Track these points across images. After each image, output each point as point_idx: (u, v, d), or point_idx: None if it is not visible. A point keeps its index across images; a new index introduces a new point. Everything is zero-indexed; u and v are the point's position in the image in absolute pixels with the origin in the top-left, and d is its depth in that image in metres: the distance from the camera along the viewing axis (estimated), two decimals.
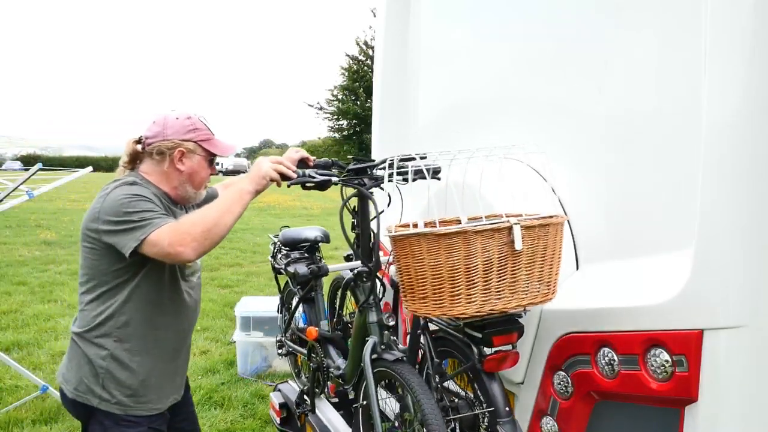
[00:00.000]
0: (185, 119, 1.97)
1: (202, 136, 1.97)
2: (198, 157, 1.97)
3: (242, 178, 1.92)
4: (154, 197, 1.88)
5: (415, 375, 1.77)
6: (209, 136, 1.99)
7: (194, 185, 2.00)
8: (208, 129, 1.99)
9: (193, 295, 2.11)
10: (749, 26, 1.39)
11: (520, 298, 1.55)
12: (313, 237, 2.82)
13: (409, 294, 1.68)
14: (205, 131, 1.98)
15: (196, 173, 1.98)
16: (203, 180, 2.02)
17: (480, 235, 1.49)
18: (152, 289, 1.93)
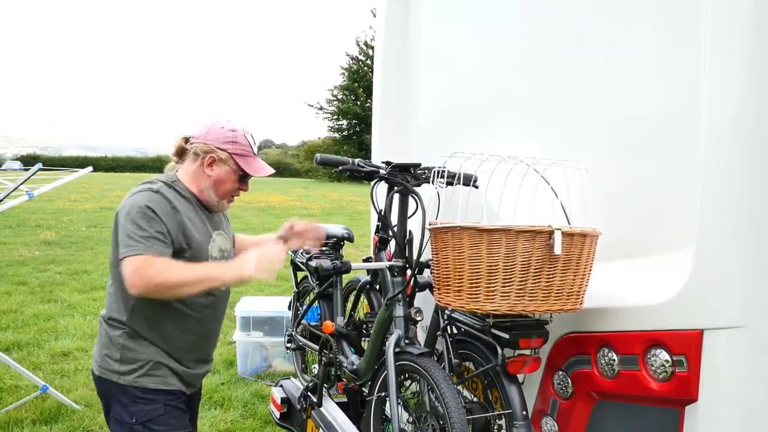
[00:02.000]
0: (229, 130, 2.05)
1: (238, 150, 2.04)
2: (228, 168, 2.04)
3: (233, 264, 1.93)
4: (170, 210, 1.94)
5: (440, 369, 1.78)
6: (246, 153, 2.05)
7: (217, 193, 2.07)
8: (250, 147, 2.06)
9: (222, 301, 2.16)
10: (749, 26, 1.39)
11: (550, 303, 1.59)
12: (339, 234, 2.86)
13: (443, 287, 1.71)
14: (245, 147, 2.05)
15: (222, 183, 2.06)
16: (227, 191, 2.09)
17: (522, 235, 1.54)
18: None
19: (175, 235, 1.95)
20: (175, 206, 1.96)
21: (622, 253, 1.73)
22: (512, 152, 1.77)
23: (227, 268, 1.94)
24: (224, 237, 2.19)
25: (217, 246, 2.13)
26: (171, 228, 1.94)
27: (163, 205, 1.94)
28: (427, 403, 1.85)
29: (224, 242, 2.18)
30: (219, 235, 2.15)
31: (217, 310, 2.18)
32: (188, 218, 2.00)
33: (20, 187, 3.75)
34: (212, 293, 2.08)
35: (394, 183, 2.05)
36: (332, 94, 38.24)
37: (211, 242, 2.09)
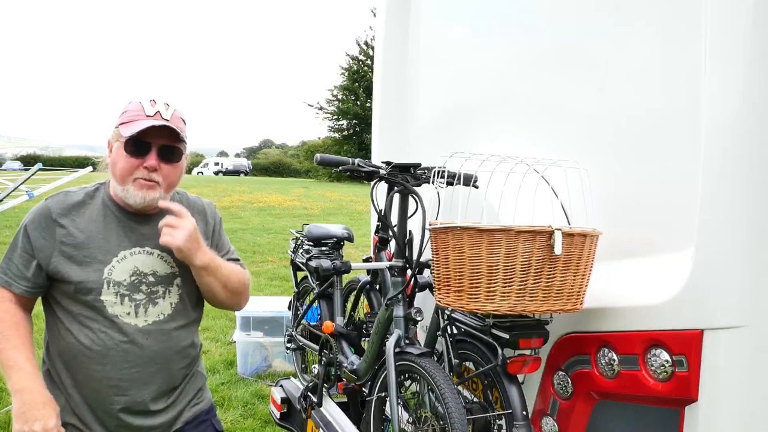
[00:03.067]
0: (130, 103, 1.67)
1: (125, 118, 1.63)
2: (117, 144, 1.64)
3: (21, 376, 1.56)
4: (45, 224, 1.62)
5: (440, 370, 1.78)
6: (132, 118, 1.61)
7: (116, 178, 1.64)
8: (141, 110, 1.62)
9: (140, 341, 1.65)
10: (749, 26, 1.39)
11: (550, 303, 1.60)
12: (339, 234, 2.86)
13: (444, 287, 1.71)
14: (132, 112, 1.63)
15: (115, 164, 1.64)
16: (124, 172, 1.61)
17: (522, 235, 1.54)
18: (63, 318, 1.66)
19: (44, 257, 1.61)
20: (58, 217, 1.62)
21: (622, 253, 1.72)
22: (512, 152, 1.77)
23: (15, 375, 1.55)
24: (157, 257, 1.69)
25: (129, 268, 1.65)
26: (41, 248, 1.61)
27: (41, 217, 1.63)
28: (427, 403, 1.86)
29: (152, 264, 1.68)
30: (144, 254, 1.68)
31: (142, 351, 1.65)
32: (80, 230, 1.63)
33: (20, 187, 3.75)
34: (121, 330, 1.63)
35: (394, 183, 2.05)
36: (332, 94, 38.25)
37: (115, 262, 1.63)
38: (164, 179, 1.64)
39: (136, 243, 1.68)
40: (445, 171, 1.83)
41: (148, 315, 1.67)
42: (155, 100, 1.64)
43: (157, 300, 1.68)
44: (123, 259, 1.65)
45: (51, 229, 1.62)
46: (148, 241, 1.69)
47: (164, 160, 1.63)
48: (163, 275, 1.70)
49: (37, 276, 1.63)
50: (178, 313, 1.73)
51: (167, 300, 1.71)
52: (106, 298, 1.62)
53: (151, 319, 1.67)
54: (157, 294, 1.68)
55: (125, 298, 1.64)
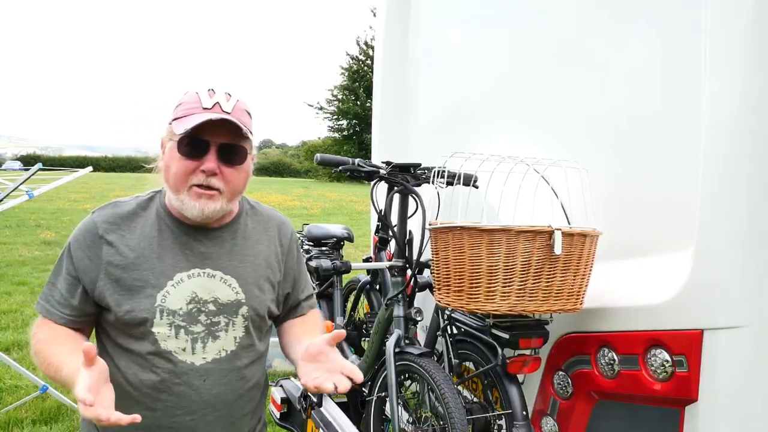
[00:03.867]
0: (184, 94, 1.40)
1: (180, 111, 1.35)
2: (170, 143, 1.34)
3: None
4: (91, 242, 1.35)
5: (440, 370, 1.79)
6: (187, 112, 1.32)
7: (170, 186, 1.36)
8: (198, 102, 1.33)
9: (197, 382, 1.36)
10: (749, 26, 1.39)
11: (550, 303, 1.60)
12: (339, 234, 2.86)
13: (444, 287, 1.71)
14: (188, 105, 1.34)
15: (168, 169, 1.35)
16: (179, 178, 1.33)
17: (522, 235, 1.54)
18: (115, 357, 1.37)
19: (90, 280, 1.33)
20: (105, 233, 1.35)
21: (622, 253, 1.72)
22: (512, 152, 1.77)
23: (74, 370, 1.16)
24: (219, 280, 1.40)
25: (186, 294, 1.35)
26: (85, 270, 1.34)
27: (86, 234, 1.36)
28: (427, 403, 1.86)
29: (213, 289, 1.38)
30: (204, 276, 1.38)
31: (199, 395, 1.36)
32: (131, 248, 1.35)
33: (20, 187, 3.75)
34: (174, 368, 1.34)
35: (394, 183, 2.05)
36: (332, 94, 38.28)
37: (170, 287, 1.34)
38: (227, 185, 1.34)
39: (194, 263, 1.38)
40: (445, 171, 1.83)
41: (207, 351, 1.37)
42: (214, 89, 1.36)
43: (219, 333, 1.38)
44: (179, 283, 1.36)
45: (97, 248, 1.35)
46: (208, 260, 1.39)
47: (225, 161, 1.33)
48: (226, 303, 1.39)
49: (83, 303, 1.36)
50: (243, 349, 1.43)
51: (230, 333, 1.40)
52: (159, 330, 1.33)
53: (211, 356, 1.37)
54: (218, 326, 1.38)
55: (181, 331, 1.35)
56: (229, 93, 1.36)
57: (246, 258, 1.44)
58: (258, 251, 1.47)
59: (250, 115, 1.40)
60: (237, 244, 1.44)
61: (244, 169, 1.38)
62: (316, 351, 1.30)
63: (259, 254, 1.47)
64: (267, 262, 1.48)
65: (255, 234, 1.49)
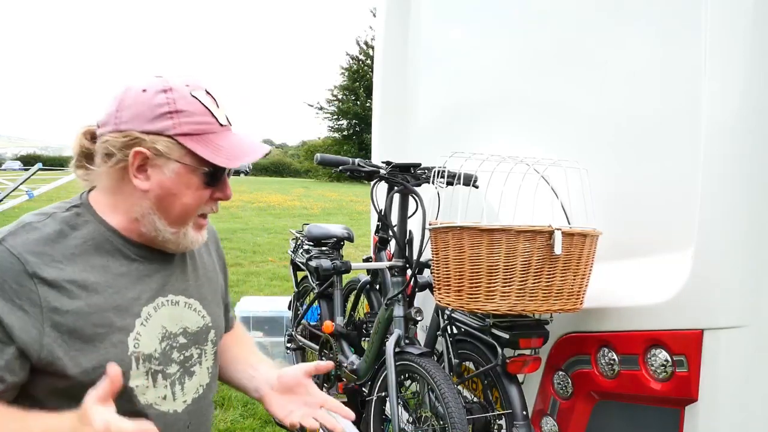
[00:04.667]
0: (158, 92, 1.04)
1: (187, 126, 1.05)
2: (176, 165, 1.05)
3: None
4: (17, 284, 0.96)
5: (440, 370, 1.79)
6: (205, 128, 1.07)
7: (168, 219, 1.08)
8: (209, 113, 1.07)
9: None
10: (749, 26, 1.39)
11: (550, 303, 1.60)
12: (339, 234, 2.87)
13: (444, 287, 1.71)
14: (199, 117, 1.06)
15: (173, 197, 1.07)
16: (186, 212, 1.09)
17: (522, 235, 1.54)
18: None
19: (28, 339, 0.96)
20: (38, 269, 0.98)
21: (622, 253, 1.73)
22: (512, 152, 1.77)
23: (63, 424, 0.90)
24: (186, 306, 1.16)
25: (154, 329, 1.09)
26: (19, 327, 0.95)
27: (7, 273, 0.97)
28: (427, 403, 1.86)
29: (182, 318, 1.15)
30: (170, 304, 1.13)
31: None
32: (78, 285, 1.01)
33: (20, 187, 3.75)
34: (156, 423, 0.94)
35: (394, 183, 2.05)
36: (332, 94, 38.27)
37: (140, 326, 1.07)
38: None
39: (156, 291, 1.11)
40: (445, 171, 1.83)
41: (186, 393, 1.14)
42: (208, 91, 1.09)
43: (193, 368, 1.16)
44: (148, 319, 1.08)
45: (29, 292, 0.97)
46: (168, 285, 1.14)
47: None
48: (196, 331, 1.17)
49: (12, 371, 0.97)
50: (213, 379, 1.23)
51: (203, 365, 1.19)
52: (137, 382, 1.06)
53: (190, 397, 1.15)
54: (191, 360, 1.16)
55: (158, 377, 1.09)
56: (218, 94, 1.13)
57: (199, 273, 1.23)
58: (205, 262, 1.27)
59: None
60: (187, 259, 1.21)
61: None
62: (293, 383, 1.19)
63: (207, 266, 1.27)
64: (215, 274, 1.30)
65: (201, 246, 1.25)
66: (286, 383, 1.20)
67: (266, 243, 10.39)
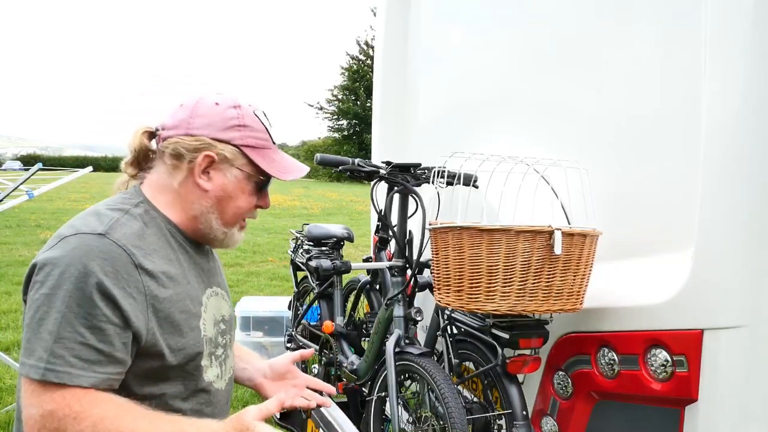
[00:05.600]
0: (230, 107, 1.20)
1: (252, 139, 1.21)
2: (237, 172, 1.20)
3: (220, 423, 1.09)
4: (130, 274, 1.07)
5: (440, 370, 1.79)
6: (265, 144, 1.23)
7: (225, 218, 1.22)
8: (267, 133, 1.24)
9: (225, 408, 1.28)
10: (749, 26, 1.39)
11: (550, 303, 1.60)
12: (339, 234, 2.87)
13: (443, 287, 1.71)
14: (261, 134, 1.23)
15: (230, 199, 1.21)
16: (240, 213, 1.24)
17: (522, 235, 1.54)
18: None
19: (141, 325, 1.07)
20: (143, 260, 1.09)
21: (622, 253, 1.73)
22: (512, 152, 1.77)
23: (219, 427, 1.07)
24: (221, 296, 1.31)
25: (211, 316, 1.24)
26: (133, 313, 1.06)
27: (119, 263, 1.06)
28: (427, 403, 1.86)
29: (221, 306, 1.29)
30: (214, 295, 1.28)
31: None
32: (166, 275, 1.13)
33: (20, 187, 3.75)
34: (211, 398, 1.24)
35: (394, 183, 2.05)
36: (332, 94, 38.30)
37: (204, 313, 1.21)
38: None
39: (207, 282, 1.27)
40: (445, 171, 1.83)
41: (225, 372, 1.29)
42: (265, 113, 1.28)
43: (228, 351, 1.32)
44: (206, 307, 1.23)
45: (137, 281, 1.07)
46: (211, 277, 1.30)
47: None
48: (229, 317, 1.34)
49: (129, 354, 1.07)
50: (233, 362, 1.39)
51: (231, 348, 1.35)
52: (205, 362, 1.21)
53: (228, 376, 1.31)
54: (228, 343, 1.32)
55: (212, 358, 1.24)
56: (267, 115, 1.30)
57: (221, 269, 1.40)
58: (217, 259, 1.41)
59: None
60: (214, 256, 1.37)
61: None
62: (283, 370, 1.40)
63: (219, 263, 1.41)
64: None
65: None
66: (277, 370, 1.40)
67: (266, 243, 10.39)
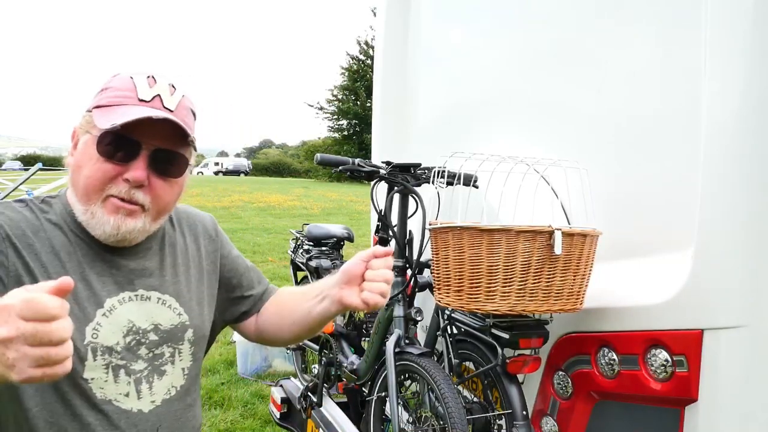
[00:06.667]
0: (111, 78, 1.10)
1: (105, 99, 1.06)
2: (87, 136, 1.05)
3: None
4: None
5: (440, 370, 1.79)
6: (115, 100, 1.05)
7: (78, 193, 1.06)
8: (133, 90, 1.06)
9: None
10: (749, 26, 1.39)
11: (550, 303, 1.59)
12: (339, 234, 2.88)
13: (444, 287, 1.71)
14: (117, 92, 1.06)
15: (79, 169, 1.05)
16: (91, 184, 1.04)
17: (522, 235, 1.54)
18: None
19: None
20: (13, 237, 1.01)
21: (622, 253, 1.72)
22: (512, 152, 1.77)
23: None
24: (158, 302, 1.14)
25: (121, 324, 1.07)
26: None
27: None
28: (427, 403, 1.86)
29: (153, 314, 1.12)
30: (138, 299, 1.11)
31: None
32: (43, 267, 1.02)
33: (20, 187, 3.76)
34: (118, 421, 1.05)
35: (394, 183, 2.05)
36: (332, 94, 38.28)
37: (101, 317, 1.05)
38: (153, 201, 1.07)
39: (123, 285, 1.10)
40: (445, 171, 1.83)
41: (154, 393, 1.10)
42: (155, 77, 1.08)
43: (164, 367, 1.13)
44: (111, 311, 1.07)
45: (1, 253, 0.98)
46: (138, 279, 1.12)
47: (158, 172, 1.07)
48: (169, 329, 1.14)
49: None
50: (192, 381, 1.19)
51: (177, 366, 1.15)
52: (93, 374, 1.03)
53: (160, 398, 1.11)
54: (162, 358, 1.12)
55: (120, 372, 1.06)
56: (173, 84, 1.10)
57: (179, 269, 1.19)
58: (189, 259, 1.22)
59: (195, 115, 1.15)
60: (166, 254, 1.18)
61: (179, 183, 1.12)
62: (357, 270, 1.10)
63: (191, 262, 1.22)
64: (202, 270, 1.25)
65: (182, 239, 1.23)
66: (351, 273, 1.12)
67: (266, 243, 10.39)
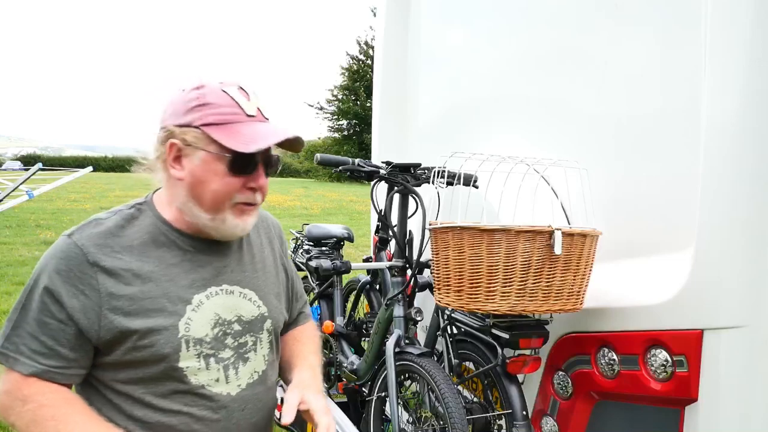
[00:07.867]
0: (192, 89, 1.17)
1: (213, 116, 1.14)
2: (203, 154, 1.14)
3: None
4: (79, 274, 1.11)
5: (440, 370, 1.79)
6: (228, 119, 1.15)
7: (203, 205, 1.17)
8: (236, 105, 1.16)
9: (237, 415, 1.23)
10: (749, 26, 1.39)
11: (550, 303, 1.59)
12: (339, 234, 2.87)
13: (443, 287, 1.71)
14: (223, 108, 1.15)
15: (202, 184, 1.15)
16: (220, 197, 1.16)
17: (522, 235, 1.54)
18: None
19: (87, 319, 1.11)
20: (98, 259, 1.12)
21: (622, 253, 1.72)
22: (512, 152, 1.77)
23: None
24: (239, 296, 1.26)
25: (209, 317, 1.20)
26: (79, 310, 1.10)
27: (72, 262, 1.11)
28: (427, 403, 1.86)
29: (236, 306, 1.25)
30: (223, 293, 1.23)
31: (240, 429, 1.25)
32: (134, 273, 1.14)
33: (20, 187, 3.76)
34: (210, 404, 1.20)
35: (394, 183, 2.05)
36: (332, 94, 38.30)
37: (191, 312, 1.18)
38: (263, 198, 1.23)
39: (210, 281, 1.22)
40: (445, 171, 1.83)
41: (240, 378, 1.23)
42: (243, 87, 1.18)
43: (248, 354, 1.25)
44: (200, 306, 1.19)
45: (90, 278, 1.11)
46: (222, 275, 1.24)
47: (266, 174, 1.21)
48: (251, 319, 1.26)
49: (76, 351, 1.12)
50: (271, 367, 1.32)
51: (259, 352, 1.28)
52: (187, 363, 1.16)
53: (245, 382, 1.24)
54: (246, 347, 1.25)
55: (211, 360, 1.19)
56: (255, 92, 1.21)
57: (257, 266, 1.32)
58: (265, 256, 1.36)
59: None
60: (244, 252, 1.31)
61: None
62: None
63: (266, 259, 1.36)
64: (275, 267, 1.38)
65: (256, 238, 1.36)
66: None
67: None
